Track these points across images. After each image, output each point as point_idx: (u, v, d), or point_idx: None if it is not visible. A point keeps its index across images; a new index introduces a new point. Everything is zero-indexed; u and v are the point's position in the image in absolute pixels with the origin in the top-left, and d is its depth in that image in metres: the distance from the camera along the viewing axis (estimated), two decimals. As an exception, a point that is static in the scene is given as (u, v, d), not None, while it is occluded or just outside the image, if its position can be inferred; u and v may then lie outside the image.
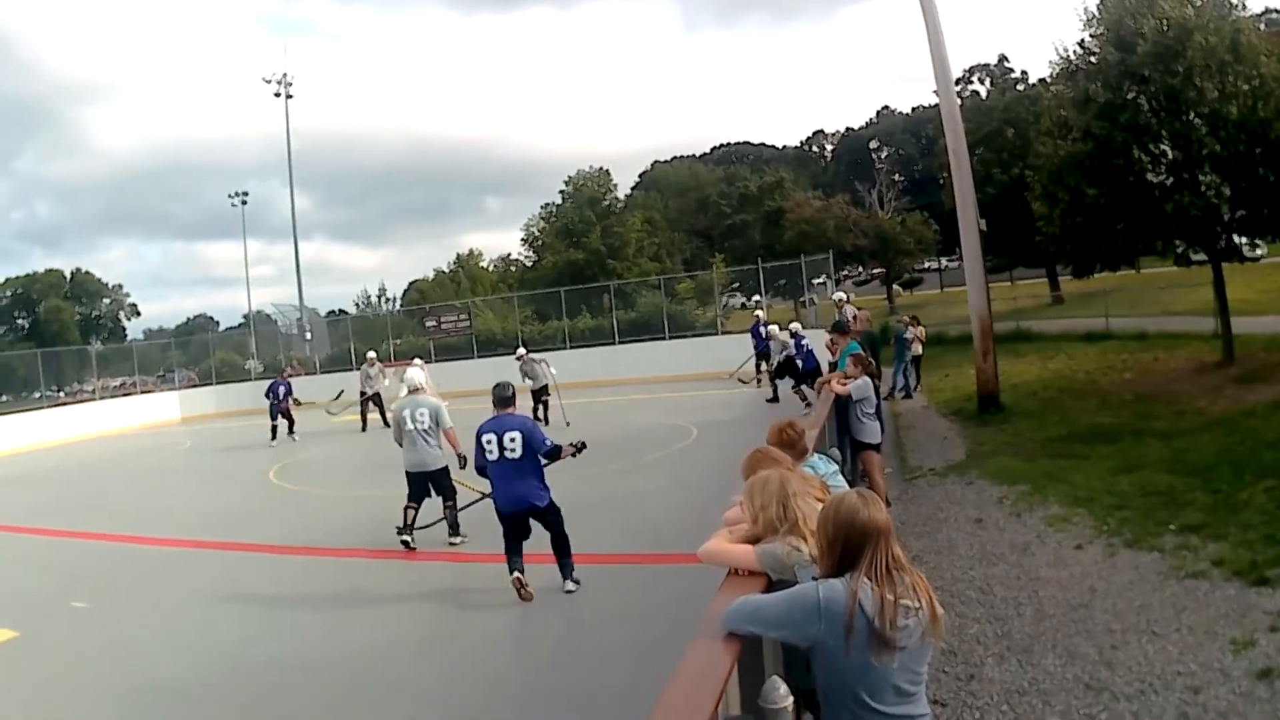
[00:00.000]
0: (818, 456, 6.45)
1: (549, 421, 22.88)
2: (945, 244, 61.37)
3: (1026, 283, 58.45)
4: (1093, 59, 20.70)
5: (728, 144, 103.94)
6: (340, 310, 76.47)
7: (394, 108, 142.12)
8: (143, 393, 47.17)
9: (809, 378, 20.88)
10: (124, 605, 11.23)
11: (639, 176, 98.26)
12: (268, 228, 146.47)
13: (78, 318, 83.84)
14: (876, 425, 11.51)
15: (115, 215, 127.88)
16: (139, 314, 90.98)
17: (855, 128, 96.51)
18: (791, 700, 3.25)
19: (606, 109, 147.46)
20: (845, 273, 67.48)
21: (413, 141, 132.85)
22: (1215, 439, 13.83)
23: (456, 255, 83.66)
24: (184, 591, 11.57)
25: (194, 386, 48.41)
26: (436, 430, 12.22)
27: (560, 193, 69.64)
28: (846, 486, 6.03)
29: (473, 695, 7.56)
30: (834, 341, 14.79)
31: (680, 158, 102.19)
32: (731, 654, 3.26)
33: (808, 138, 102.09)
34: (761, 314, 30.53)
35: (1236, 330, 21.35)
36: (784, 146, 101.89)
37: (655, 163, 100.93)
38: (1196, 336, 25.47)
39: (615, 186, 71.24)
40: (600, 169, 69.06)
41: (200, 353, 54.91)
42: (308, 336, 48.11)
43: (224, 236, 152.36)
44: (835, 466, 6.54)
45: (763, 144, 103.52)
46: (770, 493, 4.25)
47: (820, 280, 41.64)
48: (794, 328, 23.82)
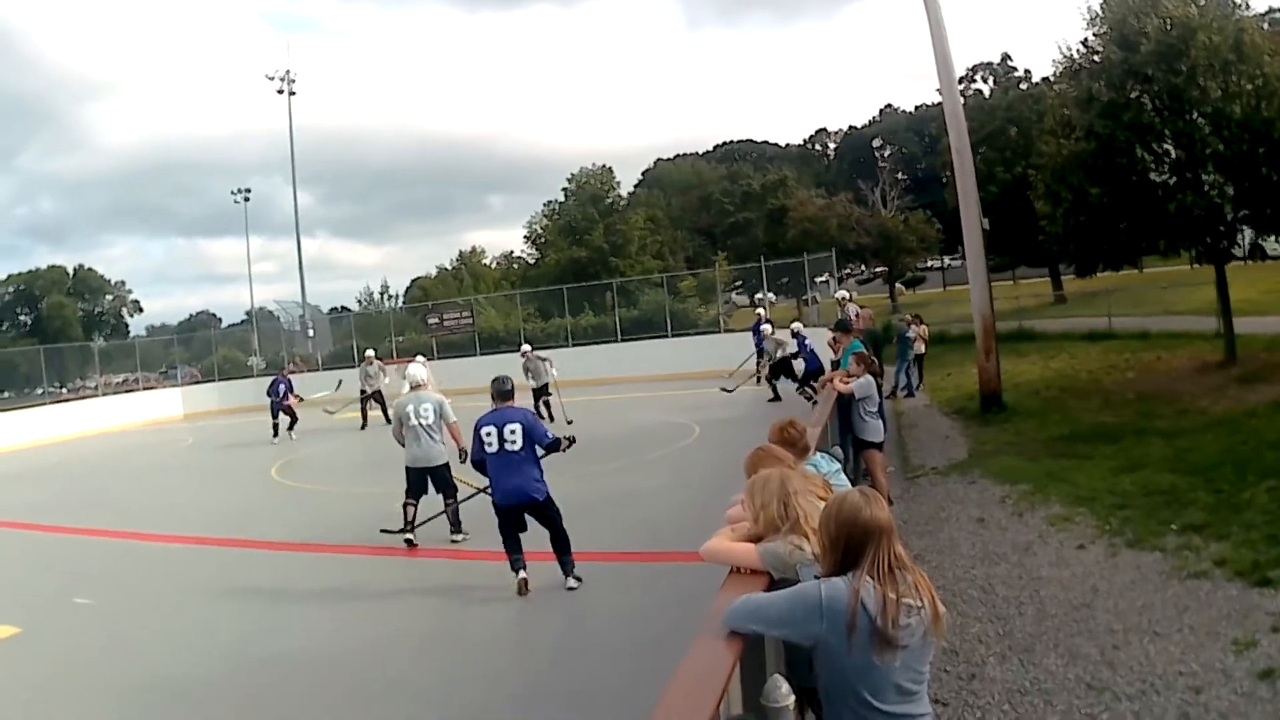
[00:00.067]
0: (820, 455, 6.45)
1: (553, 419, 22.89)
2: (948, 243, 61.46)
3: (1029, 282, 58.41)
4: (1096, 58, 20.69)
5: (731, 142, 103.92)
6: (343, 307, 76.50)
7: (397, 104, 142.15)
8: (145, 389, 47.28)
9: (811, 377, 20.88)
10: (126, 602, 11.25)
11: (642, 174, 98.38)
12: (270, 224, 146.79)
13: (80, 314, 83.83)
14: (879, 424, 11.50)
15: (118, 211, 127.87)
16: (141, 310, 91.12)
17: (858, 126, 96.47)
18: (793, 699, 3.24)
19: (609, 106, 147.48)
20: (848, 271, 67.51)
21: (415, 138, 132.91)
22: (1217, 439, 13.82)
23: (459, 252, 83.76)
24: (186, 588, 11.58)
25: (196, 383, 48.42)
26: (440, 425, 12.21)
27: (563, 190, 69.70)
28: (849, 485, 6.03)
29: (474, 693, 7.56)
30: (837, 340, 14.77)
31: (683, 155, 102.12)
32: (734, 652, 3.25)
33: (811, 136, 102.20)
34: (762, 312, 30.55)
35: (1239, 330, 21.33)
36: (787, 144, 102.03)
37: (658, 160, 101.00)
38: (1199, 336, 25.45)
39: (618, 184, 71.31)
40: (603, 166, 69.12)
41: (203, 349, 54.98)
42: (310, 333, 48.13)
43: (227, 233, 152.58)
44: (837, 465, 6.54)
45: (766, 142, 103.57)
46: (771, 491, 4.24)
47: (823, 279, 41.65)
48: (795, 327, 23.83)
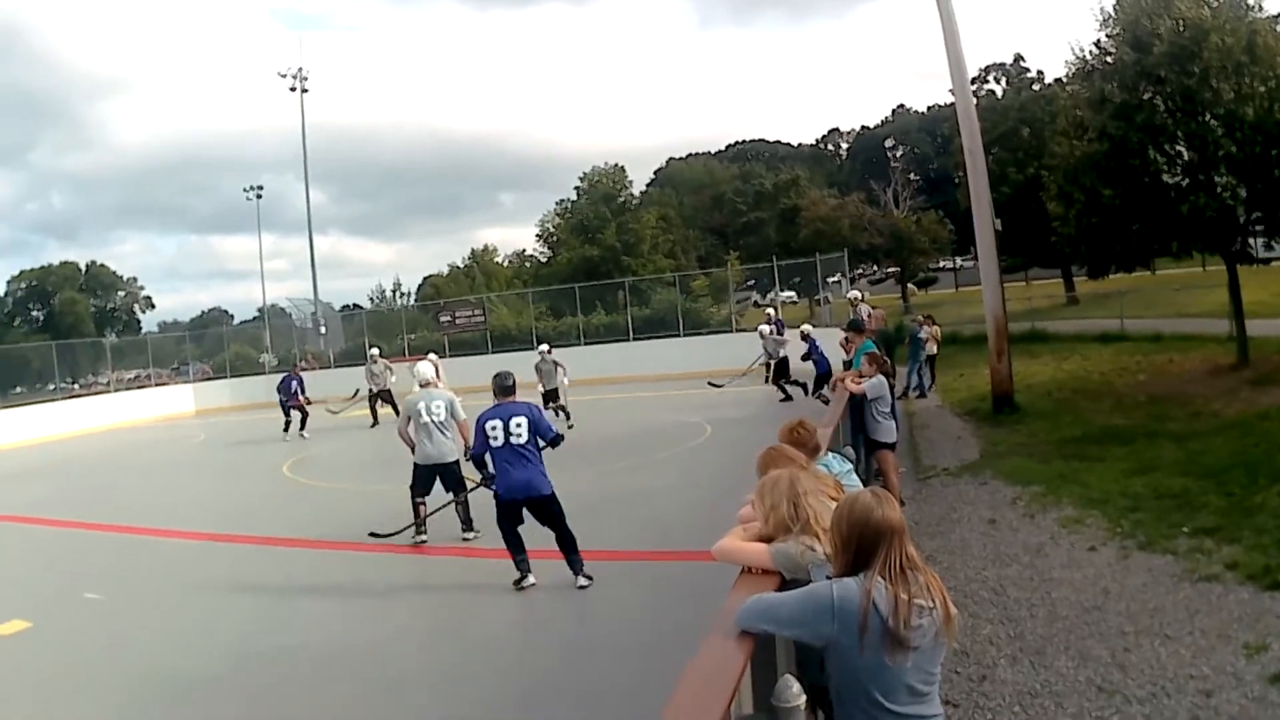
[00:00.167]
0: (831, 455, 6.45)
1: (569, 417, 22.95)
2: (960, 243, 61.40)
3: (1041, 283, 58.26)
4: (1109, 59, 20.63)
5: (743, 141, 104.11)
6: (355, 305, 76.72)
7: (408, 103, 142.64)
8: (157, 385, 47.50)
9: (822, 382, 20.87)
10: (135, 597, 11.28)
11: (654, 173, 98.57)
12: (282, 222, 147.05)
13: (92, 310, 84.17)
14: (892, 424, 11.49)
15: (130, 208, 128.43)
16: (153, 307, 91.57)
17: (871, 126, 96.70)
18: (804, 699, 3.24)
19: (621, 105, 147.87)
20: (860, 271, 67.64)
21: (427, 136, 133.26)
22: (1229, 442, 13.77)
23: (471, 250, 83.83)
24: (195, 584, 11.60)
25: (208, 380, 48.56)
26: (451, 423, 12.24)
27: (575, 189, 69.68)
28: (860, 485, 6.03)
29: (481, 690, 7.57)
30: (849, 340, 14.80)
31: (695, 155, 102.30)
32: (744, 652, 3.25)
33: (823, 136, 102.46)
34: (771, 312, 30.54)
35: (1251, 333, 21.25)
36: (799, 144, 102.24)
37: (670, 159, 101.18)
38: (1211, 338, 25.36)
39: (630, 183, 71.29)
40: (615, 165, 69.12)
41: (215, 346, 55.16)
42: (322, 331, 48.21)
43: (239, 230, 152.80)
44: (849, 465, 6.54)
45: (778, 141, 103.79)
46: (780, 492, 4.24)
47: (835, 279, 41.65)
48: (805, 329, 23.82)
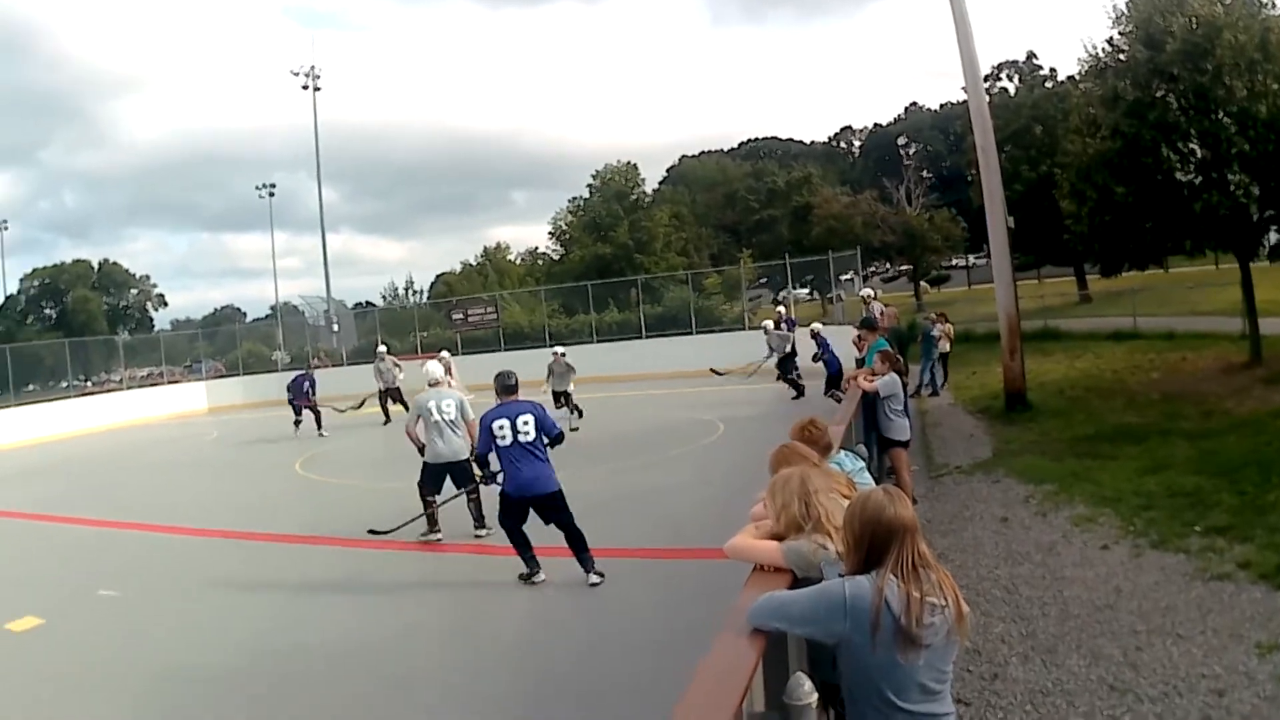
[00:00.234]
0: (844, 453, 6.46)
1: (582, 414, 23.01)
2: (973, 241, 61.43)
3: (1054, 281, 58.16)
4: (1121, 57, 20.57)
5: (755, 139, 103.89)
6: (367, 302, 76.69)
7: (421, 101, 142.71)
8: (170, 383, 47.65)
9: (833, 382, 20.86)
10: (150, 593, 11.34)
11: (667, 171, 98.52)
12: (295, 220, 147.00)
13: (105, 308, 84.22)
14: (905, 422, 11.48)
15: (142, 206, 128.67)
16: (166, 304, 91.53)
17: (883, 124, 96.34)
18: (816, 697, 3.25)
19: (634, 103, 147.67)
20: (872, 269, 67.49)
21: (440, 134, 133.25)
22: (1242, 440, 13.73)
23: (484, 248, 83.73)
24: (208, 581, 11.65)
25: (221, 377, 48.68)
26: (462, 422, 12.26)
27: (588, 186, 69.67)
28: (873, 483, 6.04)
29: (493, 687, 7.60)
30: (862, 338, 14.82)
31: (708, 152, 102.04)
32: (757, 650, 3.26)
33: (836, 133, 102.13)
34: (782, 310, 30.54)
35: (1264, 331, 21.18)
36: (812, 142, 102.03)
37: (683, 157, 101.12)
38: (1224, 337, 25.33)
39: (643, 181, 71.31)
40: (628, 163, 69.07)
41: (227, 343, 55.27)
42: (335, 328, 48.24)
43: (251, 228, 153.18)
44: (861, 463, 6.56)
45: (791, 139, 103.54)
46: (791, 491, 4.25)
47: (848, 276, 41.71)
48: (815, 327, 23.81)
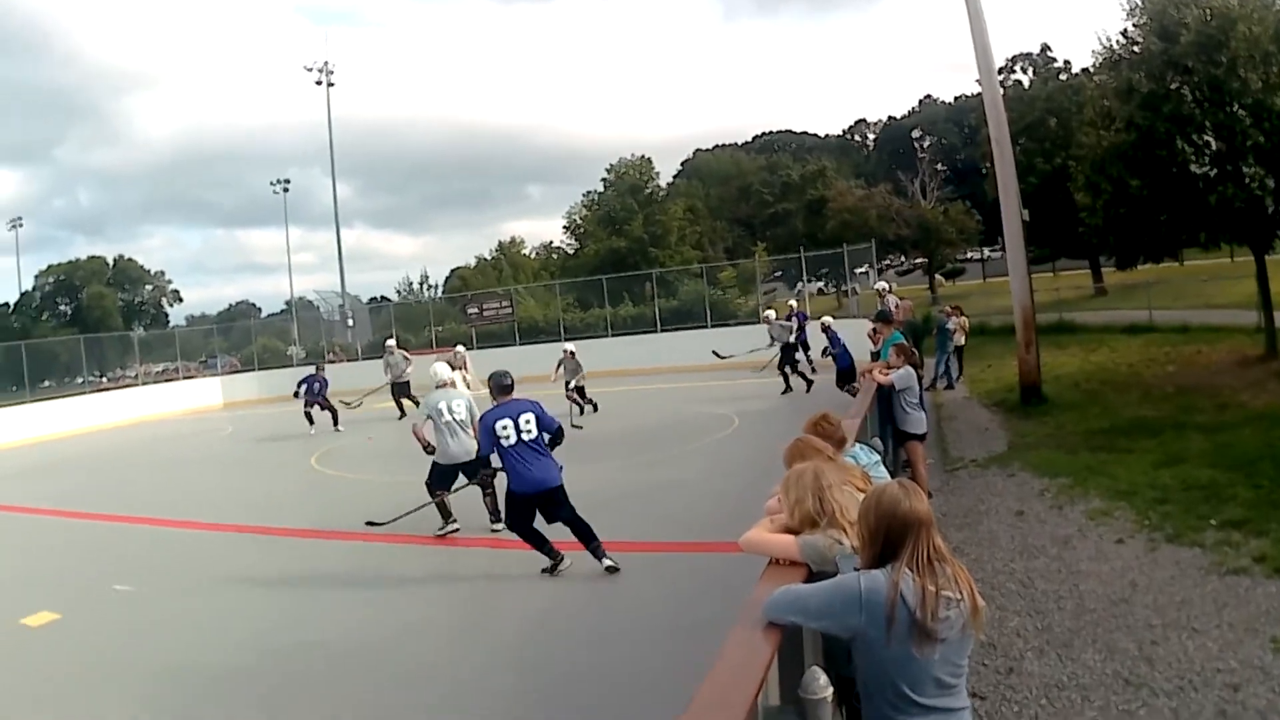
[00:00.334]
0: (859, 447, 6.45)
1: (597, 409, 23.07)
2: (988, 234, 61.25)
3: (1069, 274, 58.01)
4: (1136, 49, 20.50)
5: (770, 132, 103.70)
6: (382, 297, 76.68)
7: (435, 95, 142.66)
8: (185, 378, 47.71)
9: (845, 376, 20.84)
10: (165, 589, 11.39)
11: (681, 164, 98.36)
12: (309, 215, 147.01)
13: (120, 304, 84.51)
14: (921, 415, 11.46)
15: (157, 203, 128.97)
16: (181, 300, 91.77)
17: (897, 116, 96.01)
18: (831, 691, 3.26)
19: (648, 97, 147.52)
20: (887, 262, 67.43)
21: (454, 129, 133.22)
22: (1257, 433, 13.67)
23: (498, 243, 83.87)
24: (223, 575, 11.71)
25: (236, 372, 48.69)
26: (472, 422, 12.27)
27: (602, 180, 69.85)
28: (888, 477, 6.05)
29: (505, 681, 7.62)
30: (877, 331, 14.77)
31: (722, 146, 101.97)
32: (772, 644, 3.28)
33: (850, 126, 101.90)
34: (794, 304, 30.52)
35: (1280, 324, 21.14)
36: (826, 135, 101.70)
37: (697, 151, 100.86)
38: (1239, 329, 25.25)
39: (657, 174, 71.35)
40: (642, 157, 69.16)
41: (242, 339, 55.43)
42: (350, 323, 48.40)
43: (265, 224, 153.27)
44: (877, 457, 6.54)
45: (805, 132, 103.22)
46: (805, 486, 4.26)
47: (862, 270, 41.65)
48: (825, 321, 23.79)
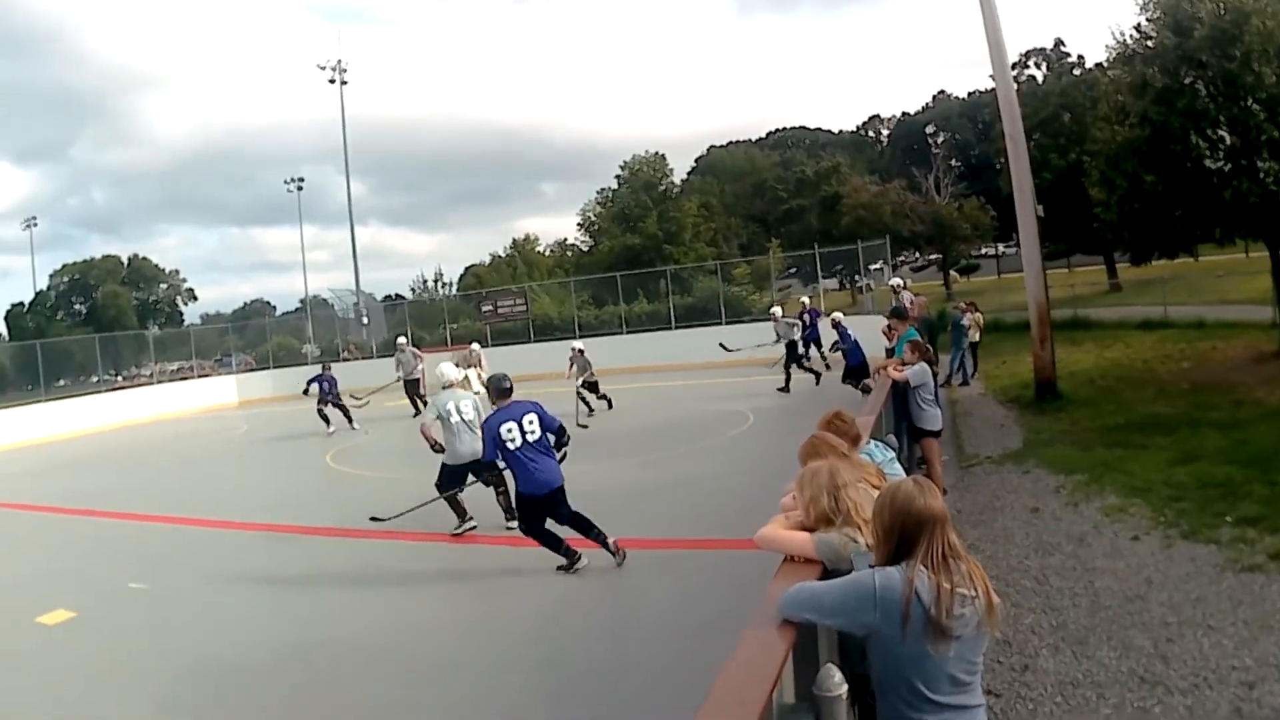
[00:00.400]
0: (873, 444, 6.47)
1: (612, 405, 23.14)
2: (1002, 230, 61.04)
3: (1084, 270, 57.90)
4: (1149, 43, 20.49)
5: (784, 129, 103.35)
6: (397, 295, 76.69)
7: (448, 93, 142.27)
8: (200, 377, 47.79)
9: (853, 373, 20.84)
10: (180, 587, 11.46)
11: (695, 161, 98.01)
12: (323, 213, 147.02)
13: (135, 303, 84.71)
14: (937, 411, 11.44)
15: (171, 202, 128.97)
16: (196, 299, 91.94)
17: (911, 112, 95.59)
18: (846, 689, 3.27)
19: (662, 94, 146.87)
20: (902, 259, 67.34)
21: (467, 126, 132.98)
22: (1273, 429, 13.62)
23: (513, 240, 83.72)
24: (238, 573, 11.80)
25: (251, 371, 48.80)
26: (479, 421, 12.30)
27: (616, 178, 69.81)
28: (903, 474, 6.05)
29: (522, 678, 7.67)
30: (892, 327, 14.75)
31: (736, 143, 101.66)
32: (786, 641, 3.28)
33: (864, 122, 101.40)
34: (807, 300, 30.54)
35: (1295, 319, 21.08)
36: (840, 131, 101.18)
37: (711, 147, 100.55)
38: (1254, 325, 25.17)
39: (671, 171, 71.30)
40: (656, 154, 69.14)
41: (257, 337, 55.55)
42: (364, 321, 48.50)
43: (280, 222, 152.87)
44: (891, 454, 6.56)
45: (819, 129, 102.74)
46: (820, 484, 4.27)
47: (877, 266, 41.61)
48: (836, 316, 23.81)
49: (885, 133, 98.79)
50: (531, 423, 10.10)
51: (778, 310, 26.19)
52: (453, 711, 7.27)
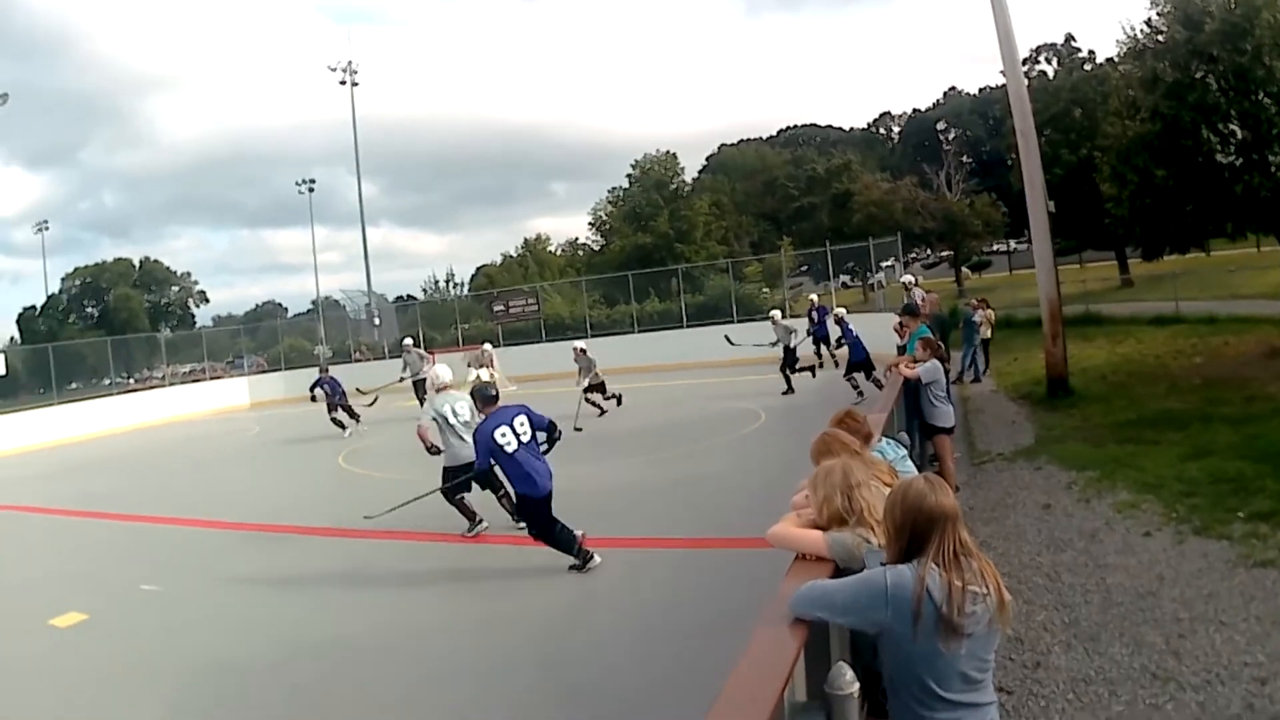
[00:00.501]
0: (885, 441, 6.46)
1: (621, 403, 23.15)
2: (1013, 226, 60.87)
3: (1095, 265, 57.84)
4: (1160, 38, 20.47)
5: (794, 126, 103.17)
6: (408, 296, 76.85)
7: (458, 93, 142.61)
8: (212, 379, 47.91)
9: (857, 368, 20.84)
10: (192, 588, 11.49)
11: (706, 159, 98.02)
12: (334, 214, 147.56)
13: (147, 305, 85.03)
14: (949, 409, 11.43)
15: (182, 204, 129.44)
16: (207, 301, 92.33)
17: (922, 109, 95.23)
18: (858, 687, 3.27)
19: (672, 93, 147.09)
20: (913, 255, 67.25)
21: (478, 126, 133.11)
22: (1286, 425, 13.63)
23: (524, 240, 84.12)
24: (249, 574, 11.83)
25: (263, 372, 49.01)
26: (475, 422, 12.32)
27: (627, 176, 70.00)
28: (915, 471, 6.05)
29: (532, 677, 7.67)
30: (904, 325, 14.74)
31: (747, 140, 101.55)
32: (798, 639, 3.29)
33: (874, 119, 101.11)
34: (815, 298, 30.53)
35: (1307, 314, 21.03)
36: (851, 128, 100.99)
37: (722, 145, 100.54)
38: (1266, 320, 25.10)
39: (682, 170, 71.53)
40: (667, 152, 69.34)
41: (269, 339, 55.69)
42: (376, 322, 48.48)
43: (291, 224, 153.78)
44: (903, 451, 6.56)
45: (829, 126, 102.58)
46: (833, 484, 4.28)
47: (888, 263, 41.52)
48: (839, 313, 23.83)
49: (896, 129, 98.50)
50: (523, 424, 10.15)
51: (776, 313, 26.18)
52: (461, 711, 7.26)
